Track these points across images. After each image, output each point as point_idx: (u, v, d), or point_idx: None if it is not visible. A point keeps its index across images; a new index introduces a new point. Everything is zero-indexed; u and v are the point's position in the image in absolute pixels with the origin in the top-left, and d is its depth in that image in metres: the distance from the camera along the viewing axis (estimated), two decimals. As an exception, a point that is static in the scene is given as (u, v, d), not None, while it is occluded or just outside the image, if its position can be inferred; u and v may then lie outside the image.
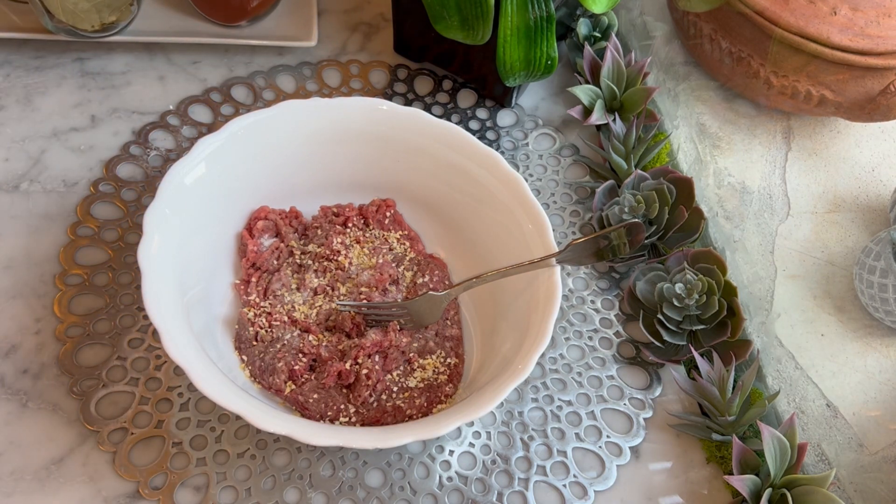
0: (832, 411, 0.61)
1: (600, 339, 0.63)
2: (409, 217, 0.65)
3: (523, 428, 0.58)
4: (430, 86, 0.77)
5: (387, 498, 0.54)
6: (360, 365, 0.55)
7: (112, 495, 0.52)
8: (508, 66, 0.66)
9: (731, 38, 0.73)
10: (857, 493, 0.57)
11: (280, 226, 0.62)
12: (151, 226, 0.51)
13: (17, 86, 0.71)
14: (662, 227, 0.65)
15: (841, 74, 0.69)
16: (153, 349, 0.57)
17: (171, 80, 0.73)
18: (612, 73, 0.73)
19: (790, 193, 0.74)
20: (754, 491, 0.53)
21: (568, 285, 0.65)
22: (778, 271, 0.68)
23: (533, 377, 0.60)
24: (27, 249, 0.61)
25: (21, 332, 0.57)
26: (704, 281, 0.60)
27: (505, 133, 0.74)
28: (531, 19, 0.64)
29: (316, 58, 0.77)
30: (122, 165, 0.67)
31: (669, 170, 0.67)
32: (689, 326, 0.60)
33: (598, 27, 0.77)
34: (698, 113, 0.78)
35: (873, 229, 0.72)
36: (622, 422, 0.59)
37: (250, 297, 0.59)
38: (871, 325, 0.66)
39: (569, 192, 0.71)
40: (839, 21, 0.68)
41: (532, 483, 0.56)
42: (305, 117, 0.60)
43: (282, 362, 0.55)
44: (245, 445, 0.55)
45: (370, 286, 0.59)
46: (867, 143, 0.78)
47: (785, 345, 0.64)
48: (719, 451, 0.58)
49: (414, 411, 0.55)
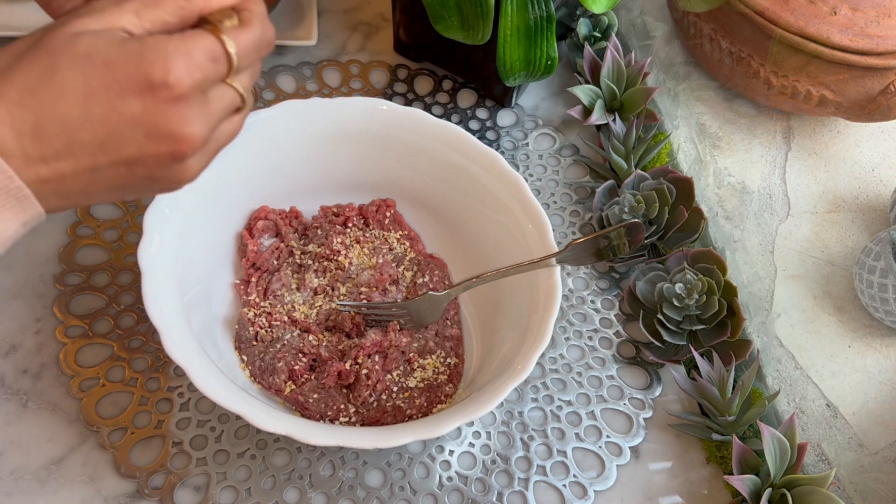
0: (832, 411, 0.61)
1: (600, 339, 0.63)
2: (409, 217, 0.65)
3: (523, 428, 0.58)
4: (430, 86, 0.77)
5: (387, 498, 0.54)
6: (360, 365, 0.55)
7: (112, 495, 0.52)
8: (508, 66, 0.66)
9: (731, 38, 0.73)
10: (857, 493, 0.57)
11: (280, 226, 0.62)
12: (151, 226, 0.51)
13: (16, 86, 0.70)
14: (662, 227, 0.65)
15: (841, 74, 0.69)
16: (153, 349, 0.57)
17: (171, 80, 0.73)
18: (612, 73, 0.73)
19: (790, 193, 0.74)
20: (754, 491, 0.53)
21: (568, 285, 0.65)
22: (778, 271, 0.68)
23: (533, 377, 0.60)
24: (27, 249, 0.61)
25: (21, 332, 0.57)
26: (704, 281, 0.60)
27: (505, 133, 0.74)
28: (531, 19, 0.64)
29: (316, 58, 0.77)
30: (122, 165, 0.67)
31: (669, 170, 0.67)
32: (689, 326, 0.60)
33: (598, 27, 0.77)
34: (698, 113, 0.78)
35: (873, 229, 0.72)
36: (622, 422, 0.59)
37: (250, 297, 0.59)
38: (871, 325, 0.66)
39: (569, 192, 0.71)
40: (839, 21, 0.68)
41: (532, 483, 0.56)
42: (305, 117, 0.60)
43: (282, 362, 0.55)
44: (245, 445, 0.55)
45: (370, 286, 0.59)
46: (867, 142, 0.78)
47: (785, 345, 0.64)
48: (719, 451, 0.58)
49: (414, 411, 0.55)
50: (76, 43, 0.33)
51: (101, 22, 0.34)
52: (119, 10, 0.35)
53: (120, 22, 0.34)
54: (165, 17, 0.35)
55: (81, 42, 0.33)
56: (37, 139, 0.33)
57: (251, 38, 0.37)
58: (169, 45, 0.34)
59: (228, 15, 0.37)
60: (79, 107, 0.33)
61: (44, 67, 0.33)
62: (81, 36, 0.33)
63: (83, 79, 0.33)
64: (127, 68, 0.33)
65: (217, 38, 0.36)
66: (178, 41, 0.34)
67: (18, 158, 0.33)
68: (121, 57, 0.33)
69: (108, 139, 0.34)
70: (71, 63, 0.33)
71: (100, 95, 0.33)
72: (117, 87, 0.33)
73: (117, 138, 0.34)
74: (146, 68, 0.33)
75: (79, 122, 0.33)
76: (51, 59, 0.33)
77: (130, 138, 0.34)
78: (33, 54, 0.33)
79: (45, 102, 0.33)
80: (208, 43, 0.35)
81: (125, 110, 0.34)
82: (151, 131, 0.34)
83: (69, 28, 0.34)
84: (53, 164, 0.34)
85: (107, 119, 0.34)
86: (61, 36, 0.33)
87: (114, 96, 0.33)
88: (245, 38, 0.37)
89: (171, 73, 0.33)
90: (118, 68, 0.33)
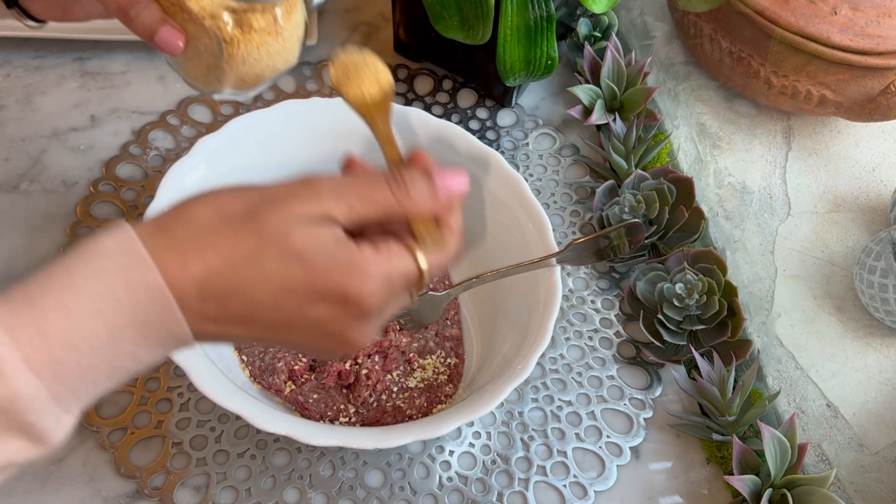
0: (832, 411, 0.61)
1: (600, 339, 0.63)
2: (409, 217, 0.65)
3: (523, 428, 0.58)
4: (430, 86, 0.77)
5: (387, 498, 0.54)
6: (359, 365, 0.55)
7: (112, 495, 0.52)
8: (508, 65, 0.66)
9: (731, 38, 0.73)
10: (858, 494, 0.57)
11: (280, 226, 0.62)
12: (151, 226, 0.51)
13: (16, 85, 0.71)
14: (662, 227, 0.65)
15: (841, 74, 0.69)
16: (153, 349, 0.57)
17: (171, 80, 0.73)
18: (613, 72, 0.73)
19: (790, 193, 0.74)
20: (754, 491, 0.53)
21: (568, 285, 0.65)
22: (778, 271, 0.68)
23: (533, 377, 0.60)
24: (27, 249, 0.61)
25: (21, 332, 0.57)
26: (705, 281, 0.60)
27: (505, 133, 0.74)
28: (531, 19, 0.63)
29: (316, 57, 0.77)
30: (122, 165, 0.67)
31: (670, 170, 0.67)
32: (690, 326, 0.60)
33: (598, 27, 0.77)
34: (698, 113, 0.78)
35: (874, 229, 0.72)
36: (622, 422, 0.59)
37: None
38: (871, 325, 0.66)
39: (569, 192, 0.71)
40: (839, 21, 0.68)
41: (532, 483, 0.56)
42: (305, 117, 0.60)
43: (282, 362, 0.55)
44: (245, 445, 0.55)
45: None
46: (867, 142, 0.78)
47: (785, 345, 0.64)
48: (719, 451, 0.58)
49: (414, 411, 0.55)
50: (291, 235, 0.34)
51: (317, 209, 0.35)
52: (336, 201, 0.36)
53: (333, 211, 0.35)
54: (375, 214, 0.37)
55: (296, 236, 0.34)
56: (220, 306, 0.34)
57: (445, 260, 0.39)
58: (372, 267, 0.36)
59: (430, 229, 0.38)
60: (271, 295, 0.34)
61: (252, 248, 0.34)
62: (297, 228, 0.34)
63: (286, 274, 0.34)
64: (329, 279, 0.35)
65: (415, 259, 0.37)
66: (384, 262, 0.36)
67: (194, 314, 0.34)
68: (327, 265, 0.35)
69: (285, 327, 0.36)
70: (279, 255, 0.34)
71: (295, 294, 0.35)
72: (315, 292, 0.35)
73: (293, 328, 0.36)
74: (346, 284, 0.35)
75: (266, 307, 0.35)
76: (261, 242, 0.34)
77: (306, 332, 0.36)
78: (245, 229, 0.34)
79: (241, 281, 0.34)
80: (407, 266, 0.37)
81: (311, 312, 0.35)
82: (328, 334, 0.36)
83: (288, 211, 0.35)
84: (224, 326, 0.35)
85: (292, 313, 0.35)
86: (278, 220, 0.34)
87: (307, 297, 0.35)
88: (440, 260, 0.39)
89: (366, 296, 0.35)
90: (321, 277, 0.35)
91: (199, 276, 0.33)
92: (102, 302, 0.32)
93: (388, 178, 0.37)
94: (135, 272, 0.32)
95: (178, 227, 0.34)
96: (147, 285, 0.32)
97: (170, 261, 0.33)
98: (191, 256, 0.33)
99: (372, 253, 0.36)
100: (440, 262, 0.39)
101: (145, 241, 0.33)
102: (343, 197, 0.36)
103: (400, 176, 0.37)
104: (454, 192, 0.39)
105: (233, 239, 0.34)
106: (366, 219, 0.36)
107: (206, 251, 0.34)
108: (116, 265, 0.32)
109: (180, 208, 0.35)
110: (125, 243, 0.33)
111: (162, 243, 0.33)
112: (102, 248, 0.33)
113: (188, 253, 0.33)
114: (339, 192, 0.36)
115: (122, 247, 0.33)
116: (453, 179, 0.39)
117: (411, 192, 0.37)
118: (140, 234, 0.33)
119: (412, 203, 0.37)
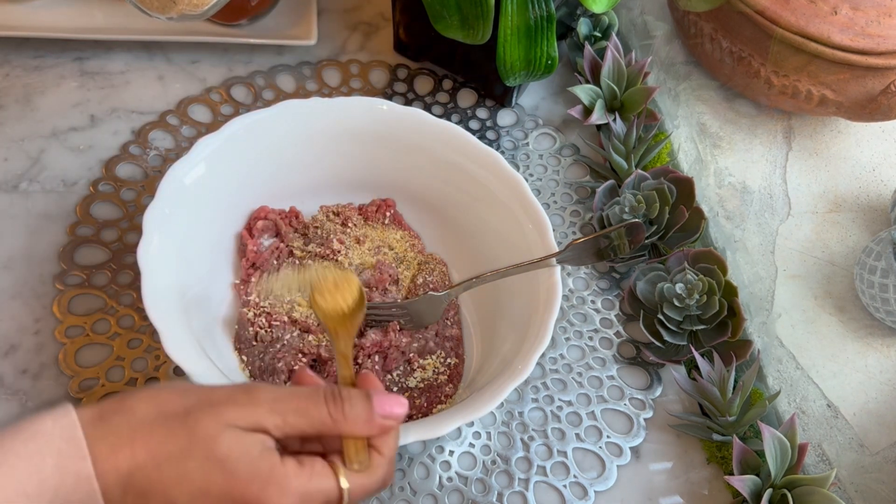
0: (833, 411, 0.61)
1: (600, 340, 0.63)
2: (409, 217, 0.65)
3: (523, 428, 0.58)
4: (430, 85, 0.77)
5: (386, 498, 0.54)
6: (359, 365, 0.55)
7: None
8: (508, 65, 0.66)
9: (731, 38, 0.73)
10: (858, 494, 0.57)
11: (280, 226, 0.62)
12: (151, 226, 0.51)
13: (16, 85, 0.70)
14: (663, 227, 0.65)
15: (841, 74, 0.69)
16: (153, 349, 0.57)
17: (171, 80, 0.73)
18: (613, 72, 0.73)
19: (791, 193, 0.74)
20: (755, 491, 0.53)
21: (568, 285, 0.65)
22: (778, 271, 0.68)
23: (533, 377, 0.60)
24: (27, 249, 0.61)
25: (21, 332, 0.57)
26: (705, 281, 0.59)
27: (505, 133, 0.74)
28: (531, 19, 0.63)
29: (316, 57, 0.77)
30: (122, 165, 0.67)
31: (670, 169, 0.67)
32: (690, 326, 0.60)
33: (598, 27, 0.77)
34: (699, 112, 0.78)
35: (874, 229, 0.72)
36: (622, 422, 0.59)
37: (250, 298, 0.59)
38: (871, 325, 0.66)
39: (569, 191, 0.71)
40: (840, 21, 0.68)
41: (532, 483, 0.56)
42: (305, 117, 0.60)
43: (282, 362, 0.55)
44: (245, 446, 0.54)
45: (370, 286, 0.59)
46: (868, 142, 0.78)
47: (785, 345, 0.64)
48: (720, 452, 0.58)
49: (414, 411, 0.55)
50: (218, 440, 0.35)
51: (250, 418, 0.36)
52: (271, 412, 0.37)
53: (265, 423, 0.36)
54: (309, 429, 0.37)
55: (223, 442, 0.35)
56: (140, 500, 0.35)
57: (368, 485, 0.39)
58: (293, 482, 0.36)
59: (360, 451, 0.39)
60: (189, 496, 0.35)
61: (180, 449, 0.35)
62: (226, 434, 0.35)
63: (206, 478, 0.35)
64: (246, 489, 0.35)
65: (336, 480, 0.38)
66: (304, 479, 0.37)
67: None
68: (247, 475, 0.35)
69: None
70: (204, 458, 0.35)
71: (212, 498, 0.35)
72: (230, 499, 0.35)
73: None
74: (262, 496, 0.35)
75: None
76: (189, 443, 0.35)
77: None
78: (178, 428, 0.35)
79: (163, 479, 0.35)
80: (327, 486, 0.37)
81: None
82: None
83: (221, 416, 0.36)
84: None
85: None
86: (209, 424, 0.35)
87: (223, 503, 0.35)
88: (363, 484, 0.39)
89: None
90: (240, 485, 0.35)
91: (125, 469, 0.34)
92: (30, 484, 0.33)
93: (327, 396, 0.38)
94: (69, 460, 0.34)
95: (116, 418, 0.35)
96: (78, 475, 0.34)
97: (103, 451, 0.34)
98: (122, 449, 0.35)
99: (294, 468, 0.36)
100: (364, 486, 0.39)
101: (86, 429, 0.34)
102: (279, 409, 0.37)
103: (339, 395, 0.38)
104: (391, 417, 0.39)
105: (164, 437, 0.35)
106: (300, 432, 0.37)
107: (137, 445, 0.35)
108: (52, 449, 0.34)
109: (123, 398, 0.36)
110: (67, 430, 0.34)
111: (99, 433, 0.35)
112: (43, 430, 0.34)
113: (120, 445, 0.35)
114: (276, 402, 0.37)
115: (63, 433, 0.34)
116: (392, 406, 0.39)
117: (347, 413, 0.38)
118: (82, 420, 0.35)
119: (346, 424, 0.38)
